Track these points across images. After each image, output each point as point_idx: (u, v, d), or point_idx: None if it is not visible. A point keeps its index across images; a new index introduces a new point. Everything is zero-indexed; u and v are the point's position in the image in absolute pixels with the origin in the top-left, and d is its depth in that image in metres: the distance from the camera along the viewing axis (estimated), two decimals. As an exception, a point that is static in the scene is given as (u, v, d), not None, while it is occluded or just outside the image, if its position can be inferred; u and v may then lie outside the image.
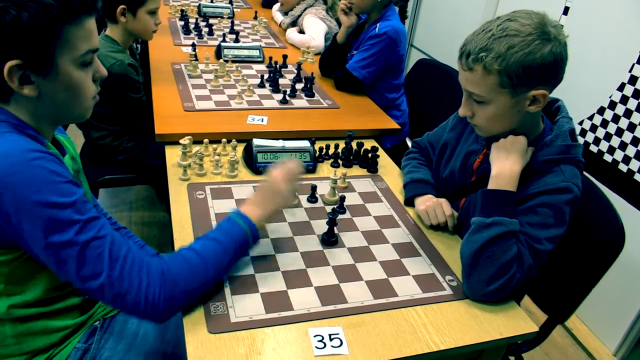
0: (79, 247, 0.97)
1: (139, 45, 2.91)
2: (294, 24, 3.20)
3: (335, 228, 1.40)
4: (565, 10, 2.52)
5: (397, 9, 2.42)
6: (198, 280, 1.10)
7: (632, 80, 2.18)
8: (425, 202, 1.53)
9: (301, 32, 3.08)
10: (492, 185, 1.28)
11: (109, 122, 2.24)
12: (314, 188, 1.57)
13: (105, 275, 0.99)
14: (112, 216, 1.55)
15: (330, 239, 1.40)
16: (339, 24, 3.13)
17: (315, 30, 2.97)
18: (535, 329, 1.21)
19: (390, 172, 1.81)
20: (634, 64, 2.16)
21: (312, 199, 1.58)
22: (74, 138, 3.43)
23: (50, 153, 1.00)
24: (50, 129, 1.12)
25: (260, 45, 2.69)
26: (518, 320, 1.22)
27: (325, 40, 3.00)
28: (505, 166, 1.28)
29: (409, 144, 2.76)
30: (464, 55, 1.25)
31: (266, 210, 1.26)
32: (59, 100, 1.05)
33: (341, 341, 1.10)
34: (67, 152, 1.23)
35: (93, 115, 2.23)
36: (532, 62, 1.18)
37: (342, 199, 1.54)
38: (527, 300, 1.68)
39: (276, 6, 3.52)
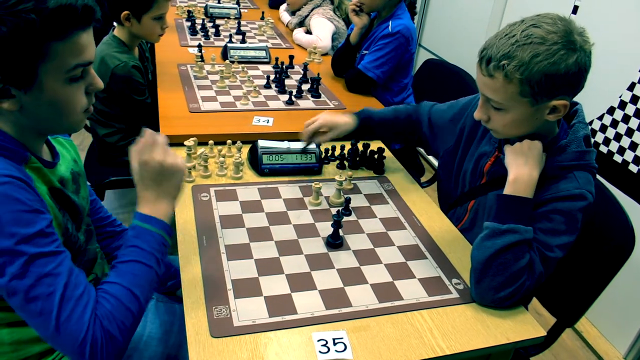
0: (30, 281, 0.91)
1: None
2: (301, 24, 3.19)
3: (340, 230, 1.39)
4: (575, 10, 2.49)
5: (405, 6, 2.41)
6: (131, 315, 1.00)
7: (643, 79, 2.15)
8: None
9: (308, 32, 3.07)
10: (508, 190, 1.24)
11: (116, 120, 2.25)
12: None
13: (54, 316, 0.92)
14: (116, 218, 1.55)
15: (335, 242, 1.38)
16: (347, 23, 3.12)
17: (322, 30, 2.96)
18: (543, 333, 1.19)
19: (397, 173, 1.79)
20: (644, 63, 2.14)
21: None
22: (82, 138, 3.43)
23: (18, 178, 0.94)
24: (38, 140, 1.08)
25: (266, 46, 2.68)
26: (526, 324, 1.20)
27: (333, 40, 2.99)
28: (524, 172, 1.24)
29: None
30: (484, 60, 1.20)
31: (167, 198, 1.13)
32: (43, 115, 1.00)
33: (345, 345, 1.08)
34: (64, 157, 1.20)
35: (101, 113, 2.24)
36: (556, 73, 1.14)
37: (348, 200, 1.52)
38: (535, 302, 1.66)
39: (283, 6, 3.51)
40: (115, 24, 2.21)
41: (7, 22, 0.87)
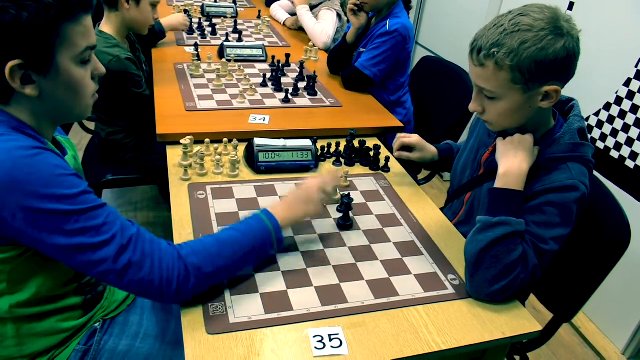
0: (91, 232, 0.99)
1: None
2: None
3: (343, 219, 1.45)
4: (570, 6, 2.49)
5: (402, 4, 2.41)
6: (212, 262, 1.11)
7: (639, 75, 2.15)
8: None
9: None
10: (499, 183, 1.26)
11: (120, 118, 2.24)
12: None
13: (121, 257, 1.01)
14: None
15: (346, 223, 1.44)
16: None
17: (328, 25, 2.95)
18: (539, 328, 1.19)
19: (393, 170, 1.79)
20: (640, 59, 2.14)
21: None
22: (80, 138, 3.42)
23: (51, 150, 1.02)
24: (51, 129, 1.13)
25: (263, 45, 2.68)
26: (521, 319, 1.20)
27: (335, 33, 2.99)
28: (513, 164, 1.25)
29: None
30: (475, 50, 1.23)
31: (294, 214, 1.28)
32: (59, 99, 1.06)
33: (341, 341, 1.09)
34: (68, 153, 1.24)
35: (104, 112, 2.22)
36: (545, 58, 1.16)
37: (349, 199, 1.48)
38: (533, 299, 1.66)
39: (275, 5, 3.51)
40: (105, 13, 2.18)
41: (27, 8, 0.93)
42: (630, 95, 2.19)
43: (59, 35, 0.99)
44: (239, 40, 2.85)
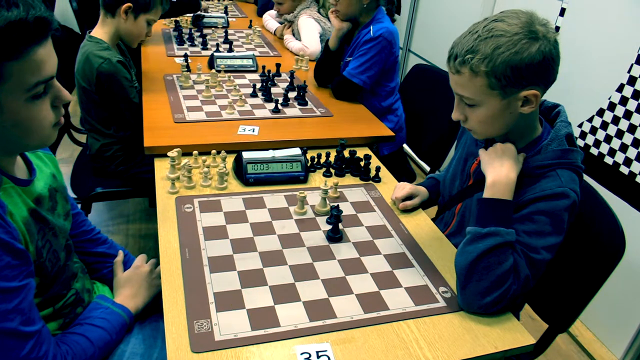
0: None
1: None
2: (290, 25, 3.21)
3: (339, 225, 1.44)
4: (562, 12, 2.48)
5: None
6: None
7: (631, 81, 2.13)
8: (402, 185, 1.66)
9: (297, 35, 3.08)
10: (487, 193, 1.24)
11: (115, 127, 2.22)
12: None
13: (37, 347, 0.98)
14: (100, 230, 1.53)
15: (335, 235, 1.42)
16: None
17: (308, 36, 2.95)
18: (532, 341, 1.16)
19: (384, 180, 1.77)
20: (632, 65, 2.12)
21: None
22: (72, 150, 3.37)
23: None
24: (9, 159, 1.05)
25: (253, 55, 2.66)
26: (514, 332, 1.18)
27: (321, 41, 2.98)
28: (501, 173, 1.24)
29: (407, 149, 2.72)
30: (452, 58, 1.22)
31: (141, 301, 1.38)
32: (9, 135, 0.96)
33: (329, 358, 1.06)
34: (42, 172, 1.18)
35: (100, 121, 2.19)
36: (520, 62, 1.14)
37: (338, 211, 1.47)
38: (528, 307, 1.63)
39: (267, 15, 3.50)
40: (101, 17, 2.17)
41: None
42: (624, 101, 2.18)
43: (1, 75, 0.88)
44: (230, 50, 2.84)
